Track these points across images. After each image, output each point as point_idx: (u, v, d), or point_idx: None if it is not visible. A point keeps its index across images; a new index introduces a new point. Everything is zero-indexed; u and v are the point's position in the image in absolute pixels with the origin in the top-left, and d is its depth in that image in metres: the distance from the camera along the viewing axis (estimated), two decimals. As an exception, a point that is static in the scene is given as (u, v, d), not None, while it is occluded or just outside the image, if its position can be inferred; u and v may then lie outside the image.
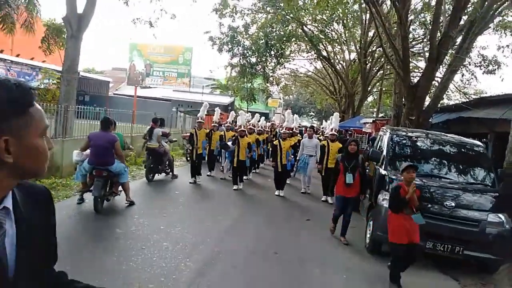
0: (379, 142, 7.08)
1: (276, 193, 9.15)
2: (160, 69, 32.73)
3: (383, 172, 5.74)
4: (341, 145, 8.72)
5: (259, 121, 14.33)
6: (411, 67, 21.04)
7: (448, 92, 23.16)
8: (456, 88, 22.88)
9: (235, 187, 9.30)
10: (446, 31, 10.01)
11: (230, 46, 20.80)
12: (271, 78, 24.89)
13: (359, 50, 22.91)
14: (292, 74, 32.53)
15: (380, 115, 22.92)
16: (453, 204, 4.92)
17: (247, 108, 29.86)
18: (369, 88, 25.68)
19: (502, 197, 5.27)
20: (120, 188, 6.77)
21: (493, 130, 9.73)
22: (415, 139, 6.25)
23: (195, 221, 6.30)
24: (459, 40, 11.02)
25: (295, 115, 15.78)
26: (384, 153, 6.08)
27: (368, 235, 5.63)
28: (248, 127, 11.06)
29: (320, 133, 15.46)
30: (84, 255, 4.35)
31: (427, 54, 11.09)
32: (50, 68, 22.06)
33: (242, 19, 20.44)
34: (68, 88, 13.07)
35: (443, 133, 6.69)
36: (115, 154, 6.26)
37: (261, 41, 20.41)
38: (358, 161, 5.83)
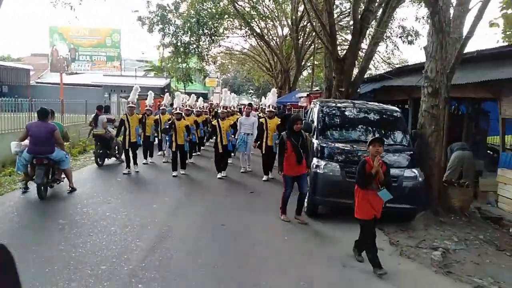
0: (311, 114, 7.60)
1: (218, 175, 8.85)
2: (86, 53, 30.80)
3: (314, 141, 6.24)
4: (279, 121, 8.69)
5: (196, 101, 13.96)
6: (341, 41, 22.14)
7: (375, 63, 24.81)
8: (382, 58, 24.56)
9: (174, 173, 8.87)
10: (367, 6, 10.73)
11: (160, 26, 20.18)
12: (206, 57, 24.62)
13: (291, 26, 23.44)
14: (228, 52, 32.42)
15: (315, 88, 23.94)
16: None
17: (185, 89, 29.41)
18: (303, 63, 26.52)
19: (416, 155, 6.04)
20: (63, 175, 7.04)
21: (411, 96, 10.81)
22: (342, 109, 6.82)
23: (140, 205, 6.33)
24: (379, 13, 11.82)
25: (232, 93, 15.81)
26: (315, 124, 6.58)
27: (306, 200, 6.15)
28: (185, 109, 10.49)
29: (260, 110, 15.71)
30: (31, 247, 4.30)
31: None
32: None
33: (171, -3, 19.83)
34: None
35: (367, 102, 7.37)
36: (55, 143, 6.48)
37: (193, 19, 20.04)
38: (304, 138, 5.68)
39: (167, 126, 9.33)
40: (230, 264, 4.21)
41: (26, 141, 6.50)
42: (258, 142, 8.79)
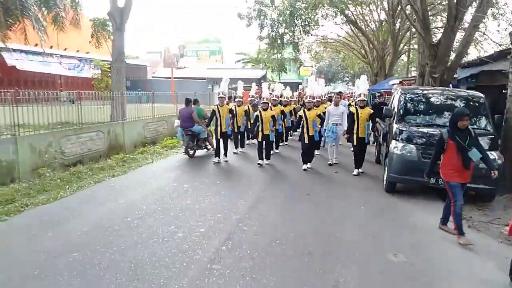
0: (392, 101, 8.09)
1: (304, 167, 8.55)
2: (193, 49, 34.21)
3: (394, 125, 6.83)
4: (372, 111, 8.04)
5: (283, 90, 13.42)
6: (437, 26, 20.93)
7: (486, 43, 22.73)
8: (492, 40, 22.43)
9: (260, 162, 8.88)
10: (462, -11, 10.47)
11: (258, 21, 21.64)
12: (300, 47, 25.43)
13: (387, 11, 22.90)
14: (323, 40, 32.72)
15: (413, 74, 23.08)
16: (452, 146, 5.98)
17: (279, 79, 30.70)
18: (399, 49, 25.65)
19: (496, 139, 6.23)
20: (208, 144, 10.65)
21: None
22: (422, 95, 7.20)
23: (231, 188, 7.31)
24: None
25: (321, 81, 14.96)
26: (395, 110, 7.14)
27: (384, 177, 6.83)
28: (272, 98, 10.35)
29: (352, 99, 15.56)
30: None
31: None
32: (99, 59, 24.07)
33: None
34: (118, 76, 14.83)
35: (449, 89, 7.60)
36: (194, 121, 9.73)
37: (287, 11, 21.07)
38: (473, 136, 4.73)
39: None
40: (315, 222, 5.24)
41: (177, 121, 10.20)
42: (349, 134, 8.29)
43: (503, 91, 12.05)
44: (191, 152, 10.12)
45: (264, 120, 8.75)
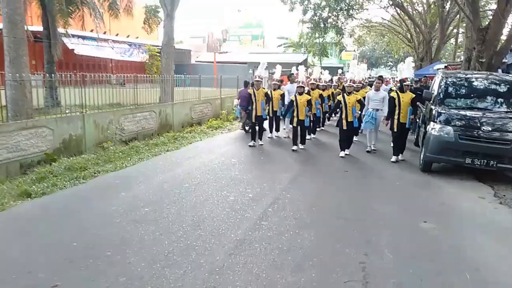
0: (433, 84, 8.26)
1: (341, 154, 8.30)
2: (235, 34, 34.82)
3: (433, 108, 7.09)
4: (413, 96, 7.70)
5: (322, 74, 12.99)
6: (491, 8, 20.03)
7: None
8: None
9: (294, 147, 8.82)
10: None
11: (302, 5, 21.76)
12: (344, 31, 25.25)
13: (436, -7, 22.14)
14: (367, 25, 32.11)
15: (461, 59, 22.33)
16: (490, 129, 6.20)
17: (320, 64, 30.67)
18: (447, 33, 24.78)
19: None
20: None
21: None
22: (462, 80, 7.38)
23: (273, 163, 8.16)
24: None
25: (362, 65, 14.79)
26: (435, 93, 7.37)
27: (421, 157, 7.15)
28: (310, 82, 10.17)
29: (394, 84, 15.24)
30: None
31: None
32: (150, 44, 25.24)
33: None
34: (168, 60, 15.75)
35: (491, 73, 7.67)
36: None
37: (331, -6, 21.04)
38: None
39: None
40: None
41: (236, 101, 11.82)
42: (389, 120, 7.93)
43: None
44: (247, 127, 11.26)
45: (300, 105, 8.56)
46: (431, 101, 7.35)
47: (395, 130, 7.80)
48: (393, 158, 7.93)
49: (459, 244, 4.15)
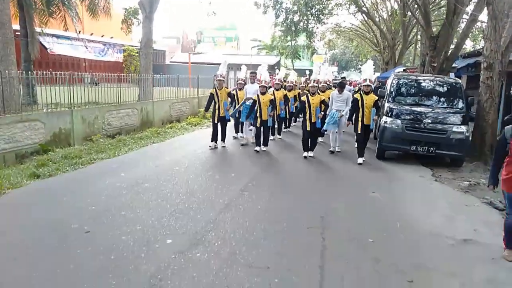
0: (387, 84, 9.60)
1: (304, 154, 8.21)
2: (210, 35, 35.64)
3: (386, 104, 8.37)
4: (376, 98, 7.76)
5: (288, 75, 12.85)
6: (441, 19, 21.92)
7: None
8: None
9: (257, 148, 8.59)
10: (459, -13, 11.71)
11: (275, 9, 22.95)
12: (314, 35, 26.64)
13: (399, 2, 23.93)
14: (336, 29, 33.76)
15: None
16: (429, 121, 7.53)
17: (293, 66, 31.99)
18: (409, 39, 26.71)
19: (467, 116, 7.72)
20: None
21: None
22: (411, 80, 8.75)
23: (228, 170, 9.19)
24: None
25: (327, 67, 16.06)
26: (388, 92, 8.67)
27: (376, 147, 8.41)
28: (274, 82, 9.85)
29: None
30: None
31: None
32: (128, 45, 25.56)
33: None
34: (146, 60, 16.56)
35: (432, 75, 9.07)
36: None
37: (302, 0, 22.34)
38: None
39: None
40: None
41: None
42: (350, 122, 7.90)
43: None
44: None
45: (262, 104, 8.35)
46: (385, 99, 8.63)
47: (359, 131, 7.78)
48: (360, 160, 7.86)
49: (397, 205, 5.37)
